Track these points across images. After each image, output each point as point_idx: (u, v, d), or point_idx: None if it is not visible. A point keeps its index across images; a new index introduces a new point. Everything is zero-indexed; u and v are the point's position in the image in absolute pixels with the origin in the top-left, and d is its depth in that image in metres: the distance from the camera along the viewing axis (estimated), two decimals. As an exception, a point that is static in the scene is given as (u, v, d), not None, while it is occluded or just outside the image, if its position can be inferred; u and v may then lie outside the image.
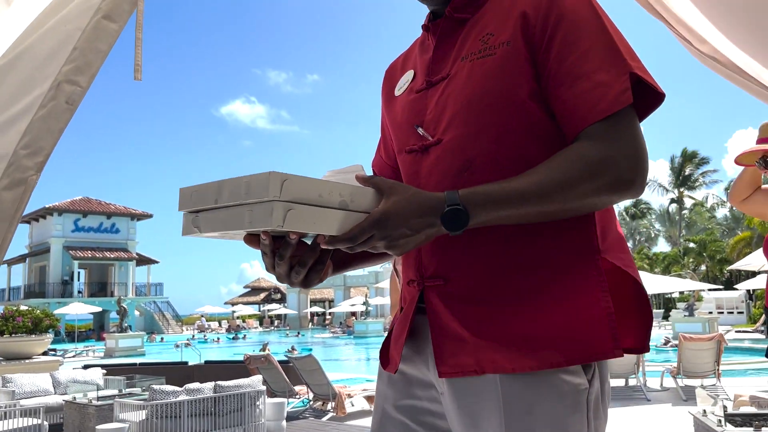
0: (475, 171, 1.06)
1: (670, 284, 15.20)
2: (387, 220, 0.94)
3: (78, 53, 1.50)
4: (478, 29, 1.11)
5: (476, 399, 1.04)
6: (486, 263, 1.05)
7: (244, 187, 0.93)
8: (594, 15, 1.03)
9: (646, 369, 9.97)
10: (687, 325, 19.37)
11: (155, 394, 6.46)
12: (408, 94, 1.21)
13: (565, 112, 1.02)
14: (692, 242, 42.58)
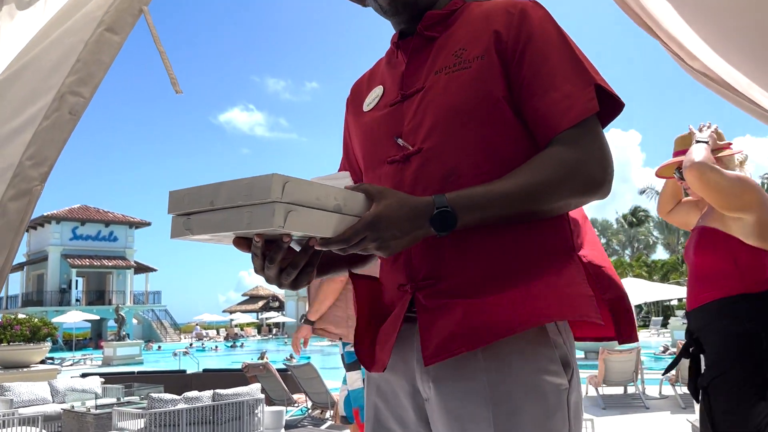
0: (460, 176, 1.11)
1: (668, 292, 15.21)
2: (379, 223, 0.98)
3: (81, 65, 1.51)
4: (450, 46, 1.19)
5: (462, 402, 1.07)
6: (474, 262, 1.10)
7: (245, 189, 0.94)
8: (558, 33, 1.14)
9: (644, 377, 9.97)
10: (685, 333, 19.32)
11: (154, 403, 6.46)
12: (380, 108, 1.26)
13: (539, 120, 1.10)
14: (690, 249, 42.61)
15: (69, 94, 1.49)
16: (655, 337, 28.14)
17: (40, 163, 1.46)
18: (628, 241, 54.95)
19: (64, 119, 1.48)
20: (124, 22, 1.57)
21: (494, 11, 1.17)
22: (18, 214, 1.43)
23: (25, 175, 1.45)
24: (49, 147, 1.46)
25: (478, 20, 1.18)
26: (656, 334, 29.38)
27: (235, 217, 0.95)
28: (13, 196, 1.43)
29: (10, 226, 1.43)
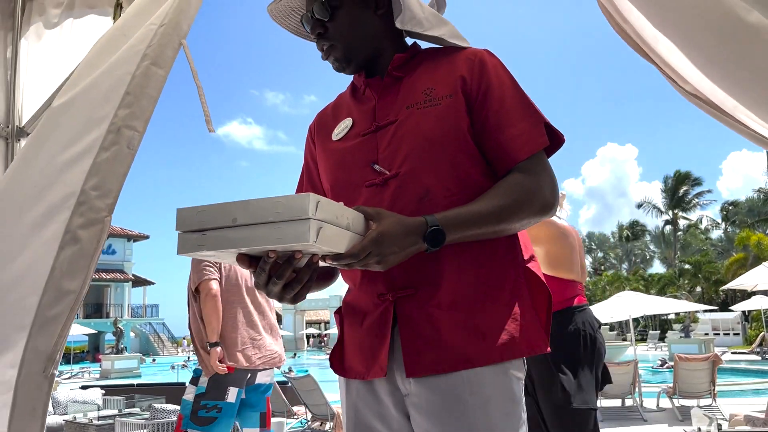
0: (432, 197, 1.29)
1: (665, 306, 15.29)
2: (383, 240, 1.13)
3: (132, 98, 1.61)
4: (418, 85, 1.39)
5: (442, 394, 1.23)
6: (448, 274, 1.27)
7: (276, 207, 1.02)
8: (510, 79, 1.37)
9: (642, 389, 10.03)
10: (683, 347, 19.40)
11: (157, 413, 6.51)
12: (351, 138, 1.42)
13: (500, 151, 1.32)
14: (687, 263, 42.71)
15: (125, 128, 1.59)
16: (653, 350, 28.16)
17: (105, 195, 1.56)
18: (625, 255, 55.07)
19: (123, 153, 1.59)
20: (166, 56, 1.68)
21: (458, 59, 1.38)
22: (91, 243, 1.54)
23: (92, 205, 1.55)
24: (111, 180, 1.57)
25: (442, 65, 1.39)
26: (653, 348, 29.40)
27: (262, 233, 1.03)
28: (82, 224, 1.54)
29: (84, 252, 1.54)
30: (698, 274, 40.34)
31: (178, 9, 1.75)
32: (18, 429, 1.45)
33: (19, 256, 1.56)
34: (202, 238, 1.07)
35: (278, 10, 1.51)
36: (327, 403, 8.90)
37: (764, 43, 1.23)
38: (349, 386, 1.40)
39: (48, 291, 1.49)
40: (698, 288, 41.20)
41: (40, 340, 1.48)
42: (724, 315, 31.90)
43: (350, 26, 1.42)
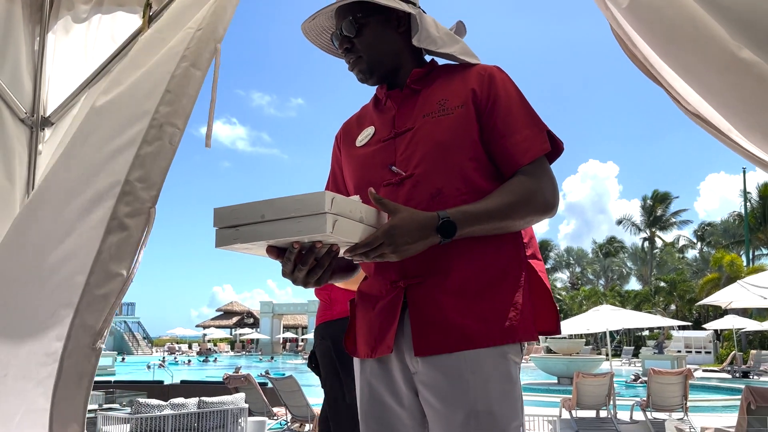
0: (443, 196, 1.44)
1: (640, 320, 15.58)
2: (394, 232, 1.31)
3: (173, 96, 1.74)
4: (433, 97, 1.55)
5: (446, 373, 1.39)
6: (456, 265, 1.42)
7: (297, 204, 1.20)
8: (517, 91, 1.52)
9: (616, 402, 10.24)
10: (656, 363, 19.77)
11: (140, 408, 6.53)
12: (373, 144, 1.59)
13: (506, 156, 1.47)
14: (663, 281, 43.38)
15: (167, 125, 1.72)
16: (627, 366, 28.56)
17: (149, 187, 1.69)
18: (603, 271, 55.72)
19: (166, 148, 1.72)
20: (203, 58, 1.82)
21: (469, 73, 1.55)
22: (138, 230, 1.68)
23: (137, 196, 1.68)
24: (155, 173, 1.70)
25: (456, 79, 1.55)
26: (627, 363, 29.82)
27: (286, 226, 1.21)
28: (129, 213, 1.67)
29: (131, 239, 1.67)
30: (673, 292, 40.99)
31: (215, 14, 1.87)
32: (63, 397, 1.56)
33: (66, 238, 1.68)
34: (236, 233, 1.26)
35: (311, 28, 1.67)
36: (308, 405, 8.96)
37: (754, 76, 1.41)
38: (363, 365, 1.55)
39: (95, 272, 1.61)
40: (672, 306, 41.84)
41: (87, 316, 1.59)
42: (697, 333, 32.47)
43: (374, 42, 1.59)
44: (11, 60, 2.47)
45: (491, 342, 1.38)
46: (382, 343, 1.47)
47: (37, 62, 2.57)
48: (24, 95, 2.52)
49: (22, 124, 2.50)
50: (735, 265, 32.22)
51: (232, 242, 1.26)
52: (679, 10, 1.51)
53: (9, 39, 2.47)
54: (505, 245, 1.47)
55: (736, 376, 22.11)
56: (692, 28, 1.48)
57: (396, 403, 1.49)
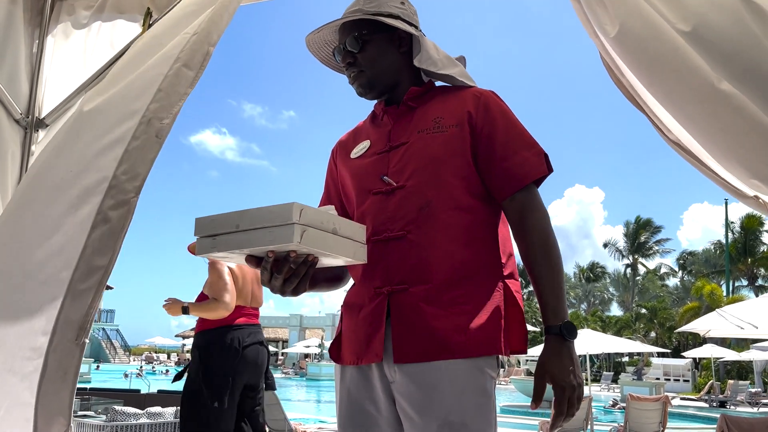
0: (431, 207, 1.50)
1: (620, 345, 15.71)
2: (559, 380, 1.40)
3: (163, 94, 1.78)
4: (428, 114, 1.61)
5: (423, 383, 1.43)
6: (438, 276, 1.47)
7: (268, 215, 1.26)
8: (514, 117, 1.59)
9: (594, 427, 10.28)
10: (635, 389, 19.86)
11: (116, 415, 6.47)
12: (368, 156, 1.65)
13: (504, 176, 1.52)
14: (644, 308, 43.68)
15: (155, 120, 1.76)
16: (605, 391, 28.64)
17: (133, 178, 1.72)
18: (585, 296, 56.02)
19: (152, 141, 1.75)
20: (196, 59, 1.86)
21: (466, 96, 1.61)
22: (119, 221, 1.69)
23: (121, 188, 1.71)
24: (140, 164, 1.73)
25: (452, 100, 1.61)
26: (606, 389, 29.90)
27: (260, 235, 1.27)
28: (112, 205, 1.69)
29: (113, 231, 1.69)
30: (654, 319, 41.28)
31: (211, 21, 1.93)
32: (48, 392, 1.58)
33: (54, 235, 1.70)
34: (214, 242, 1.33)
35: (314, 41, 1.72)
36: (286, 419, 8.91)
37: (732, 107, 1.49)
38: (343, 373, 1.59)
39: (80, 267, 1.64)
40: (653, 333, 42.12)
41: (72, 311, 1.62)
42: (676, 361, 32.67)
43: (376, 58, 1.65)
44: (9, 61, 2.50)
45: (468, 353, 1.42)
46: (368, 351, 1.50)
47: (34, 64, 2.60)
48: (20, 96, 2.54)
49: (17, 124, 2.52)
50: (715, 294, 32.53)
51: (210, 250, 1.33)
52: (663, 42, 1.58)
53: (8, 41, 2.50)
54: (485, 256, 1.53)
55: (713, 405, 22.25)
56: (675, 60, 1.56)
57: (375, 411, 1.52)
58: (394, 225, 1.52)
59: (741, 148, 1.51)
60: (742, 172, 1.55)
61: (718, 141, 1.55)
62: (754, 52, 1.49)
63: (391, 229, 1.52)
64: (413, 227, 1.50)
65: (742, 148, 1.50)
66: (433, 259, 1.48)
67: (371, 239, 1.54)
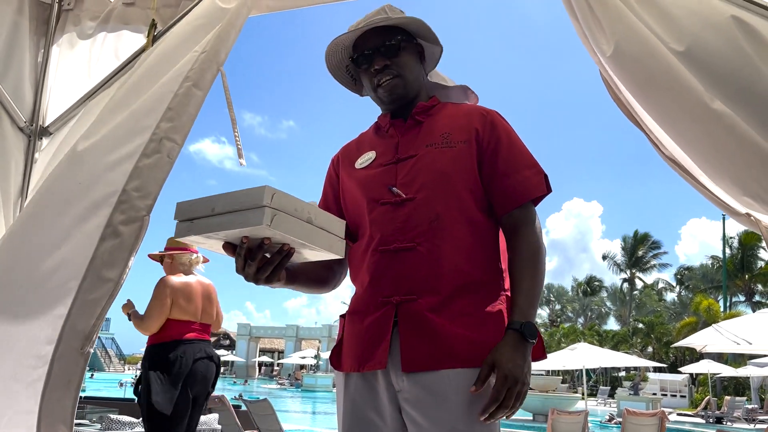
0: (440, 221, 1.54)
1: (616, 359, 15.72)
2: (505, 370, 1.40)
3: (173, 114, 1.81)
4: (436, 129, 1.65)
5: (429, 393, 1.45)
6: (446, 283, 1.51)
7: (242, 198, 1.27)
8: (515, 135, 1.65)
9: (590, 441, 10.26)
10: (631, 404, 19.81)
11: (111, 424, 6.46)
12: (374, 167, 1.67)
13: (505, 192, 1.58)
14: (641, 323, 43.61)
15: (166, 140, 1.80)
16: (602, 406, 28.55)
17: (145, 197, 1.75)
18: (582, 310, 55.93)
19: (163, 161, 1.79)
20: (206, 79, 1.90)
21: (473, 113, 1.66)
22: (131, 237, 1.73)
23: (133, 204, 1.74)
24: (151, 183, 1.76)
25: (460, 116, 1.66)
26: (603, 404, 29.81)
27: (232, 219, 1.28)
28: (123, 221, 1.72)
29: (123, 246, 1.72)
30: (651, 334, 41.20)
31: (218, 38, 1.96)
32: (52, 399, 1.59)
33: (63, 245, 1.73)
34: (191, 225, 1.34)
35: (338, 44, 1.73)
36: (281, 429, 8.88)
37: (724, 126, 1.53)
38: (347, 382, 1.60)
39: (88, 277, 1.66)
40: (650, 348, 42.03)
41: (78, 321, 1.64)
42: (673, 377, 32.60)
43: (411, 66, 1.71)
44: (15, 70, 2.54)
45: (475, 363, 1.45)
46: (372, 358, 1.52)
47: (39, 73, 2.64)
48: (25, 104, 2.58)
49: (21, 132, 2.55)
50: (712, 310, 32.52)
51: (186, 234, 1.34)
52: (658, 61, 1.62)
53: (14, 50, 2.53)
54: (490, 268, 1.58)
55: (709, 421, 22.19)
56: (669, 79, 1.59)
57: (379, 420, 1.54)
58: (404, 236, 1.55)
59: (733, 166, 1.54)
60: (734, 190, 1.58)
61: (711, 159, 1.59)
62: (747, 72, 1.53)
63: (400, 239, 1.55)
64: (423, 239, 1.53)
65: (734, 166, 1.54)
66: (442, 271, 1.52)
67: (378, 249, 1.57)
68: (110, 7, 2.63)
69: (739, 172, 1.54)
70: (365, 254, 1.60)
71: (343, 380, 1.62)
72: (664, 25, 1.64)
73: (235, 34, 2.01)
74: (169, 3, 2.48)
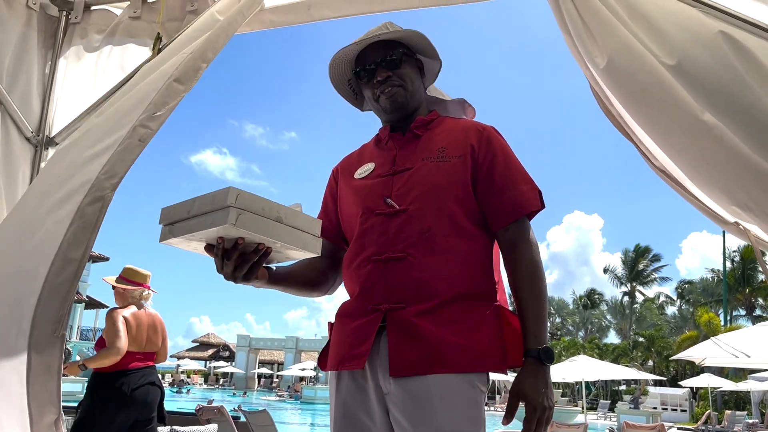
0: (432, 233, 1.58)
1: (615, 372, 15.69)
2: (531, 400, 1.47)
3: (152, 106, 1.88)
4: (433, 143, 1.70)
5: (414, 397, 1.49)
6: (436, 291, 1.54)
7: (211, 200, 1.34)
8: (511, 151, 1.70)
9: (590, 454, 10.24)
10: (631, 417, 19.75)
11: None
12: (372, 178, 1.72)
13: (500, 207, 1.62)
14: (641, 336, 43.50)
15: (140, 127, 1.87)
16: (602, 419, 28.42)
17: (112, 176, 1.81)
18: (582, 323, 55.81)
19: (134, 144, 1.85)
20: (188, 75, 1.96)
21: (470, 129, 1.71)
22: (93, 215, 1.78)
23: (99, 185, 1.80)
24: (120, 164, 1.83)
25: (456, 131, 1.71)
26: (603, 417, 29.68)
27: (203, 220, 1.35)
28: (89, 201, 1.79)
29: (87, 225, 1.77)
30: (651, 347, 41.10)
31: (207, 41, 2.04)
32: (36, 384, 1.64)
33: (36, 233, 1.79)
34: (171, 229, 1.42)
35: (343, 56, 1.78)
36: (280, 441, 8.87)
37: (714, 138, 1.58)
38: (339, 384, 1.65)
39: (56, 261, 1.71)
40: (650, 362, 41.91)
41: (49, 305, 1.69)
42: (673, 390, 32.46)
43: (412, 78, 1.76)
44: (23, 81, 2.59)
45: (461, 368, 1.49)
46: (352, 359, 1.57)
47: (47, 85, 2.69)
48: (32, 115, 2.63)
49: (28, 142, 2.60)
50: (713, 324, 32.46)
51: (168, 237, 1.41)
52: (649, 74, 1.67)
53: (22, 62, 2.59)
54: (480, 280, 1.61)
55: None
56: (661, 92, 1.65)
57: (369, 421, 1.58)
58: (396, 246, 1.59)
59: (722, 176, 1.59)
60: (723, 199, 1.63)
61: (701, 169, 1.64)
62: (736, 86, 1.58)
63: (392, 250, 1.59)
64: (414, 250, 1.57)
65: (722, 176, 1.59)
66: (431, 282, 1.55)
67: (370, 258, 1.61)
68: (117, 20, 2.69)
69: (727, 181, 1.59)
70: (357, 263, 1.65)
71: (335, 382, 1.67)
72: (656, 39, 1.69)
73: (225, 38, 2.08)
74: (174, 17, 2.54)
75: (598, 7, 1.77)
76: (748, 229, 1.77)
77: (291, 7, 2.46)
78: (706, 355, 10.60)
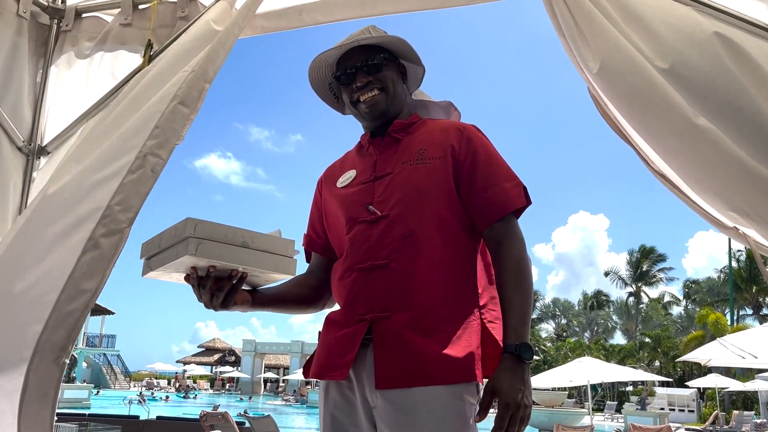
0: (414, 237, 1.55)
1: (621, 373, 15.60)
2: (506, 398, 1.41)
3: (159, 131, 1.84)
4: (412, 146, 1.67)
5: (401, 410, 1.46)
6: (419, 300, 1.52)
7: (173, 232, 1.36)
8: (495, 150, 1.67)
9: (596, 456, 10.17)
10: (639, 419, 19.63)
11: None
12: (354, 185, 1.70)
13: (484, 206, 1.59)
14: (648, 337, 43.32)
15: (150, 155, 1.82)
16: (609, 421, 28.28)
17: (127, 210, 1.77)
18: (588, 324, 55.61)
19: (147, 175, 1.81)
20: (192, 96, 1.93)
21: (449, 129, 1.68)
22: (110, 249, 1.74)
23: (114, 218, 1.76)
24: (134, 197, 1.78)
25: (436, 132, 1.68)
26: (610, 419, 29.53)
27: (171, 252, 1.37)
28: (104, 233, 1.75)
29: (102, 257, 1.74)
30: (657, 348, 40.92)
31: (207, 58, 2.00)
32: (29, 412, 1.61)
33: (44, 260, 1.76)
34: (149, 262, 1.45)
35: (321, 61, 1.76)
36: (284, 446, 8.85)
37: (708, 141, 1.54)
38: (327, 397, 1.62)
39: (66, 289, 1.69)
40: (657, 362, 41.72)
41: (55, 333, 1.66)
42: (680, 391, 32.31)
43: (394, 81, 1.74)
44: (14, 90, 2.57)
45: (447, 380, 1.45)
46: (335, 369, 1.54)
47: (38, 93, 2.67)
48: (23, 124, 2.60)
49: (19, 152, 2.58)
50: (719, 324, 32.29)
51: (147, 271, 1.45)
52: (642, 77, 1.64)
53: (13, 70, 2.57)
54: (465, 284, 1.58)
55: (718, 436, 21.95)
56: (654, 95, 1.61)
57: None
58: (378, 254, 1.56)
59: (717, 180, 1.56)
60: (720, 204, 1.60)
61: (696, 173, 1.61)
62: (730, 88, 1.55)
63: (375, 257, 1.57)
64: (396, 256, 1.55)
65: (718, 181, 1.55)
66: (415, 287, 1.53)
67: (355, 267, 1.58)
68: (107, 27, 2.66)
69: (723, 186, 1.55)
70: (341, 273, 1.63)
71: (323, 394, 1.64)
72: (649, 42, 1.66)
73: (225, 53, 2.04)
74: (165, 23, 2.52)
75: (591, 10, 1.74)
76: (747, 233, 1.73)
77: (282, 13, 2.44)
78: (712, 356, 10.53)
